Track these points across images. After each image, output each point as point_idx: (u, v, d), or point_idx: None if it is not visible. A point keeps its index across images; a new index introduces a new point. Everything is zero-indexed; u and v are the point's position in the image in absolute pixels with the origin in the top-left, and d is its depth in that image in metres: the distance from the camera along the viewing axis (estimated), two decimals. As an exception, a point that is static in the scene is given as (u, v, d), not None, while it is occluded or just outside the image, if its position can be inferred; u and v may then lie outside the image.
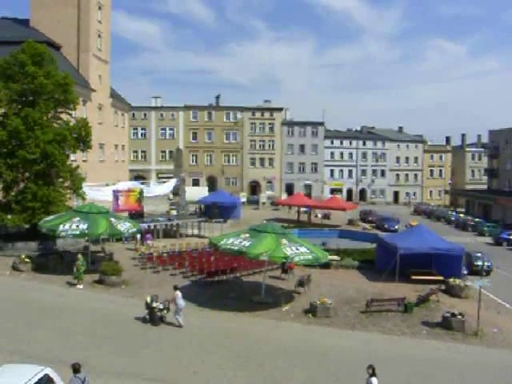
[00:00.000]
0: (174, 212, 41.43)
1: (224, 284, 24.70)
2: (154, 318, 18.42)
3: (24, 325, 17.69)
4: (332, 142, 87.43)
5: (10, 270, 25.19)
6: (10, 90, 29.10)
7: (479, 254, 33.10)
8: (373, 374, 12.05)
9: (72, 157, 34.20)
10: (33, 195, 28.60)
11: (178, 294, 18.22)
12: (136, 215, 36.21)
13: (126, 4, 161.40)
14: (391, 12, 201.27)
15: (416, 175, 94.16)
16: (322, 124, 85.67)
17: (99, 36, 48.44)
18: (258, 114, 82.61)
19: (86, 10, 45.68)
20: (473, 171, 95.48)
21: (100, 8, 48.48)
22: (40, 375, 10.90)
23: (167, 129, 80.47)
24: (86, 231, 24.68)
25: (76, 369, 11.25)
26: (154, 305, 18.50)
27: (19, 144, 28.55)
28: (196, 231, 39.68)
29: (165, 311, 18.57)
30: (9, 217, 28.60)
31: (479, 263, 31.26)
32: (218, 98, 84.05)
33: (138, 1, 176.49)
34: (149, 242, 31.74)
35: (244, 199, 63.98)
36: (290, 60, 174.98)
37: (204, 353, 15.84)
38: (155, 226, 35.91)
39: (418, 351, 17.51)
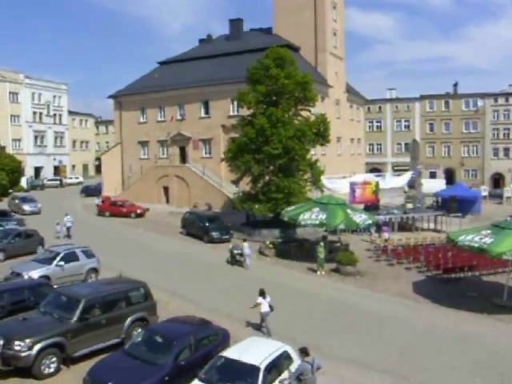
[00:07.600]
0: (409, 205, 40.27)
1: (461, 282, 23.00)
2: (232, 261, 25.69)
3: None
4: None
5: (256, 254, 28.03)
6: (257, 93, 32.34)
7: None
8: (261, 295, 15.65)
9: (312, 151, 36.13)
10: (276, 187, 31.27)
11: (245, 244, 24.96)
12: (371, 207, 36.35)
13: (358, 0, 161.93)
14: None
15: None
16: None
17: (334, 34, 50.05)
18: (501, 100, 74.02)
19: (321, 11, 47.75)
20: None
21: (334, 7, 50.06)
22: (281, 351, 11.88)
23: (403, 120, 78.47)
24: (325, 221, 25.81)
25: (304, 352, 11.23)
26: (234, 251, 25.55)
27: (265, 141, 31.51)
28: (432, 225, 37.89)
29: (238, 256, 25.44)
30: (256, 206, 31.90)
31: None
32: (455, 85, 78.35)
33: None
34: (386, 234, 31.53)
35: (485, 193, 58.62)
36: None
37: (436, 351, 15.09)
38: (390, 219, 35.52)
39: None
